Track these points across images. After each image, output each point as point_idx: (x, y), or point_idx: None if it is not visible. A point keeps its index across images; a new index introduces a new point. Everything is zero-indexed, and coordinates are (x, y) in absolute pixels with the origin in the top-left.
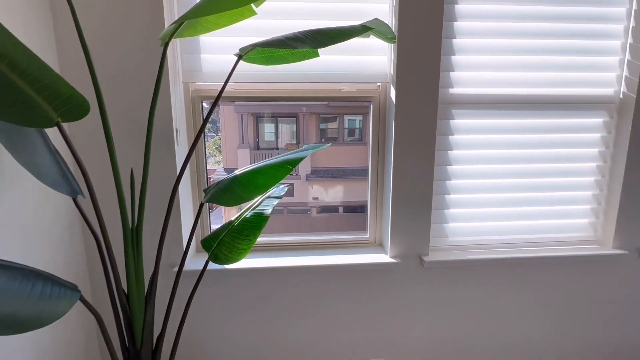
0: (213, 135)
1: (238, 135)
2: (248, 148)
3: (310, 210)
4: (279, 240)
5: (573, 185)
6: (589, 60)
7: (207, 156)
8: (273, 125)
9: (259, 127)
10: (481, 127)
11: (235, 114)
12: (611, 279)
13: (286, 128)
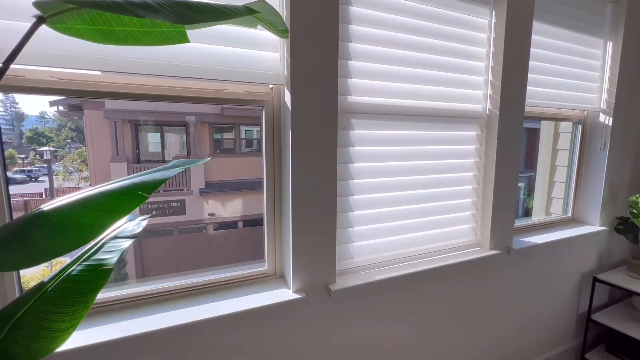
0: (79, 146)
1: (111, 146)
2: (125, 161)
3: (206, 227)
4: (144, 291)
5: (457, 194)
6: (465, 78)
7: (70, 171)
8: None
9: (139, 137)
10: (379, 138)
11: (105, 121)
12: (491, 276)
13: (175, 138)
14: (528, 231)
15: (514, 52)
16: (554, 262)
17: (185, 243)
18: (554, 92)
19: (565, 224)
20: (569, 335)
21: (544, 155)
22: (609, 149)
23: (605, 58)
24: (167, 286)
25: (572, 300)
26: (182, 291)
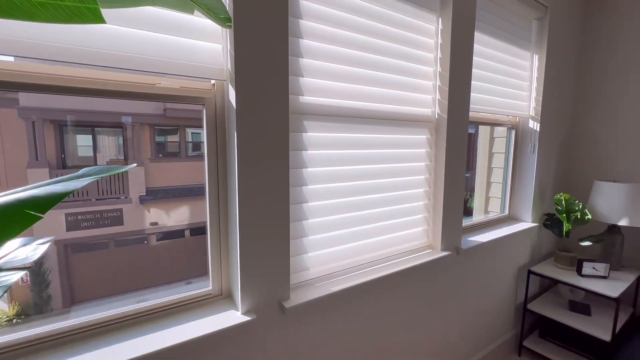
0: None
1: (28, 149)
2: (46, 167)
3: (148, 238)
4: (68, 326)
5: (410, 197)
6: (415, 82)
7: None
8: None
9: (64, 139)
10: (333, 141)
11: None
12: (443, 276)
13: (110, 141)
14: (472, 230)
15: (459, 59)
16: (495, 258)
17: (124, 257)
18: (492, 99)
19: (503, 221)
20: (509, 325)
21: (482, 158)
22: (537, 152)
23: (532, 69)
24: (97, 318)
25: (511, 293)
26: (115, 322)
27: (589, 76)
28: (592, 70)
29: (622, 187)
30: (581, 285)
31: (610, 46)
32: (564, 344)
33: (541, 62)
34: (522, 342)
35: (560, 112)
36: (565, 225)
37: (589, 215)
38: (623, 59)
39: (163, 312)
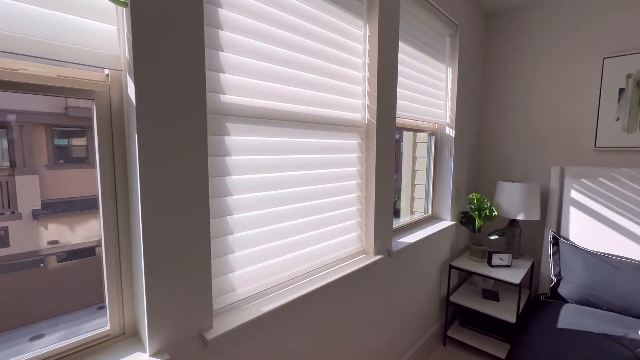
0: None
1: None
2: None
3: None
4: None
5: (343, 203)
6: (346, 87)
7: None
8: None
9: None
10: (261, 146)
11: None
12: (376, 280)
13: None
14: (401, 232)
15: (386, 66)
16: (422, 257)
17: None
18: (415, 106)
19: (427, 221)
20: (435, 318)
21: (406, 162)
22: (453, 156)
23: (447, 81)
24: None
25: (435, 287)
26: None
27: (490, 87)
28: (494, 82)
29: (519, 186)
30: (491, 275)
31: (507, 60)
32: (480, 329)
33: (454, 74)
34: (446, 332)
35: (470, 119)
36: (478, 221)
37: (495, 211)
38: (518, 73)
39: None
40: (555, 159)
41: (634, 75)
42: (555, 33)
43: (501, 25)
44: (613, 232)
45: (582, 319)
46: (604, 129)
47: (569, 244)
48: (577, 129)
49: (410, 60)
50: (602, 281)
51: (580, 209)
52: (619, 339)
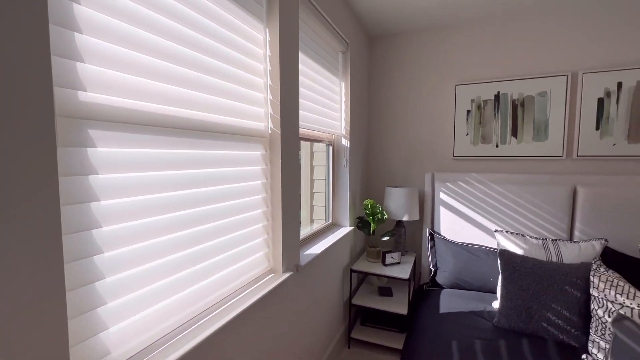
0: None
1: None
2: None
3: None
4: None
5: (247, 221)
6: (247, 93)
7: None
8: None
9: None
10: (145, 159)
11: None
12: (286, 297)
13: None
14: (306, 243)
15: (288, 73)
16: (327, 265)
17: None
18: (314, 116)
19: (329, 229)
20: (340, 321)
21: (305, 171)
22: (349, 165)
23: (341, 94)
24: None
25: (339, 292)
26: None
27: (376, 103)
28: (378, 99)
29: (403, 191)
30: (385, 274)
31: (388, 81)
32: (379, 325)
33: (347, 88)
34: (350, 335)
35: (361, 130)
36: (372, 225)
37: (386, 215)
38: (396, 92)
39: None
40: (428, 167)
41: (475, 100)
42: (422, 60)
43: (382, 49)
44: (470, 225)
45: (455, 301)
46: (458, 142)
47: (441, 238)
48: (441, 142)
49: (309, 72)
50: (466, 266)
51: (447, 207)
52: (480, 312)
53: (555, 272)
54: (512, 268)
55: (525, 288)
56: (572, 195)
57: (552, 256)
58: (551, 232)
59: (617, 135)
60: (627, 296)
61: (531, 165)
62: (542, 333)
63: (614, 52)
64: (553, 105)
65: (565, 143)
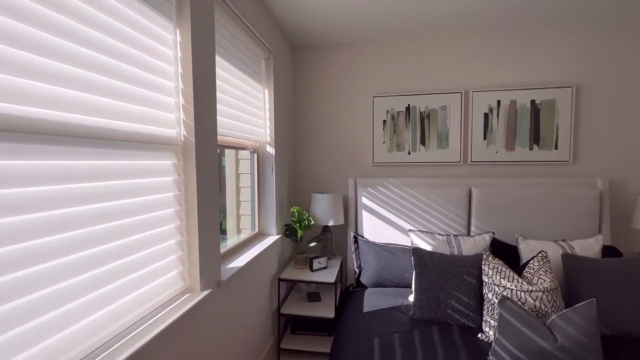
0: None
1: None
2: None
3: None
4: None
5: (158, 237)
6: (154, 96)
7: None
8: None
9: None
10: (30, 173)
11: None
12: (206, 316)
13: None
14: (230, 255)
15: (203, 77)
16: (253, 276)
17: None
18: (236, 123)
19: (255, 238)
20: (269, 332)
21: (230, 179)
22: (275, 173)
23: (265, 101)
24: None
25: (266, 303)
26: None
27: (301, 111)
28: (303, 107)
29: (328, 197)
30: (313, 280)
31: (312, 90)
32: (309, 331)
33: (270, 95)
34: (279, 346)
35: (287, 137)
36: (299, 232)
37: (312, 221)
38: (320, 101)
39: None
40: (351, 172)
41: (390, 111)
42: (343, 72)
43: (306, 59)
44: (389, 227)
45: (377, 299)
46: (377, 149)
47: (364, 240)
48: (362, 149)
49: (228, 77)
50: (386, 265)
51: (368, 211)
52: (399, 307)
53: (456, 264)
54: (423, 264)
55: (434, 280)
56: (468, 195)
57: (454, 250)
58: (454, 229)
59: (498, 144)
60: (508, 280)
61: (437, 170)
62: (448, 319)
63: (495, 76)
64: (452, 118)
65: (462, 150)
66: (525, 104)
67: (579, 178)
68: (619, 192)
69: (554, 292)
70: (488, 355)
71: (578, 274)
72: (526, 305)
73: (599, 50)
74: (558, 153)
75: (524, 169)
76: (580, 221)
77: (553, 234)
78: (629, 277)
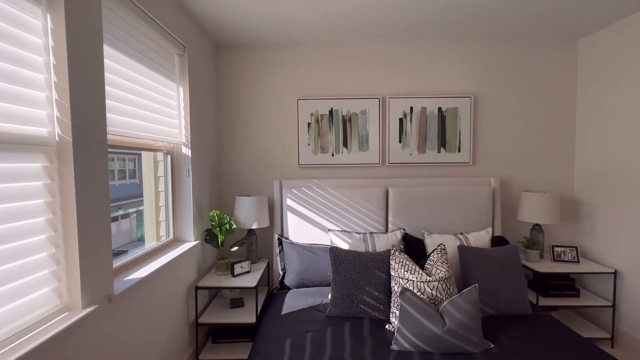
0: None
1: None
2: None
3: None
4: None
5: (21, 251)
6: (15, 90)
7: None
8: None
9: None
10: None
11: None
12: (96, 335)
13: None
14: (133, 265)
15: (83, 69)
16: (161, 287)
17: None
18: (143, 123)
19: (170, 245)
20: (186, 344)
21: (148, 182)
22: (192, 176)
23: (180, 100)
24: None
25: (182, 313)
26: None
27: (225, 112)
28: (227, 107)
29: (251, 199)
30: (233, 285)
31: (236, 90)
32: (231, 339)
33: (185, 93)
34: (198, 356)
35: (208, 139)
36: (220, 237)
37: (234, 225)
38: (245, 103)
39: None
40: (277, 174)
41: (314, 114)
42: (269, 73)
43: (230, 58)
44: (313, 227)
45: (298, 300)
46: (302, 152)
47: (288, 242)
48: (288, 151)
49: (129, 72)
50: (309, 265)
51: (293, 212)
52: (317, 306)
53: (369, 260)
54: (339, 262)
55: (349, 277)
56: (385, 195)
57: (369, 247)
58: (374, 227)
59: (412, 147)
60: (411, 272)
61: (359, 172)
62: (361, 314)
63: (409, 83)
64: (371, 122)
65: (380, 153)
66: (433, 111)
67: (478, 177)
68: (509, 190)
69: (448, 280)
70: (391, 344)
71: (470, 263)
72: (425, 295)
73: (493, 64)
74: (461, 155)
75: (434, 169)
76: (477, 215)
77: (456, 227)
78: (509, 263)
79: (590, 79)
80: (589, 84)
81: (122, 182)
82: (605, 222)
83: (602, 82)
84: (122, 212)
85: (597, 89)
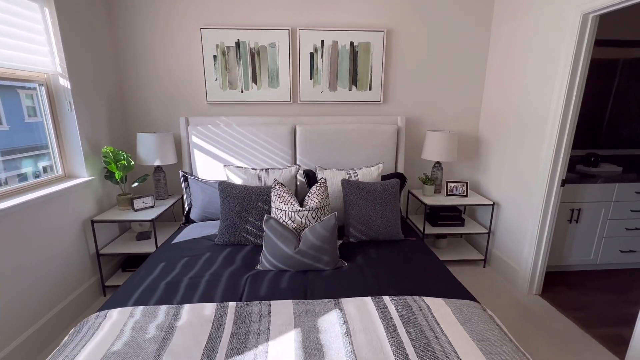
0: None
1: None
2: None
3: None
4: None
5: None
6: None
7: None
8: None
9: None
10: None
11: None
12: None
13: None
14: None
15: None
16: (46, 218)
17: None
18: None
19: (57, 181)
20: (89, 273)
21: None
22: (76, 110)
23: (47, 23)
24: None
25: (79, 244)
26: None
27: (124, 41)
28: (126, 36)
29: (153, 136)
30: (130, 218)
31: (137, 20)
32: (138, 267)
33: (52, 15)
34: (104, 283)
35: (100, 69)
36: (117, 173)
37: (132, 161)
38: (147, 33)
39: None
40: (184, 111)
41: (220, 46)
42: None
43: None
44: (220, 165)
45: (194, 231)
46: (210, 87)
47: (193, 179)
48: (195, 87)
49: None
50: (210, 200)
51: (200, 150)
52: (210, 236)
53: (254, 194)
54: (226, 195)
55: (234, 209)
56: (293, 133)
57: (262, 182)
58: (281, 164)
59: (323, 84)
60: (284, 203)
61: (268, 109)
62: (244, 241)
63: (320, 14)
64: (280, 56)
65: (291, 90)
66: (345, 46)
67: (388, 116)
68: (418, 128)
69: (319, 210)
70: (257, 265)
71: (350, 195)
72: (295, 223)
73: None
74: (372, 94)
75: (345, 108)
76: (382, 153)
77: (360, 164)
78: (385, 195)
79: (502, 27)
80: (500, 29)
81: (33, 120)
82: (496, 160)
83: (510, 29)
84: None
85: (504, 33)
